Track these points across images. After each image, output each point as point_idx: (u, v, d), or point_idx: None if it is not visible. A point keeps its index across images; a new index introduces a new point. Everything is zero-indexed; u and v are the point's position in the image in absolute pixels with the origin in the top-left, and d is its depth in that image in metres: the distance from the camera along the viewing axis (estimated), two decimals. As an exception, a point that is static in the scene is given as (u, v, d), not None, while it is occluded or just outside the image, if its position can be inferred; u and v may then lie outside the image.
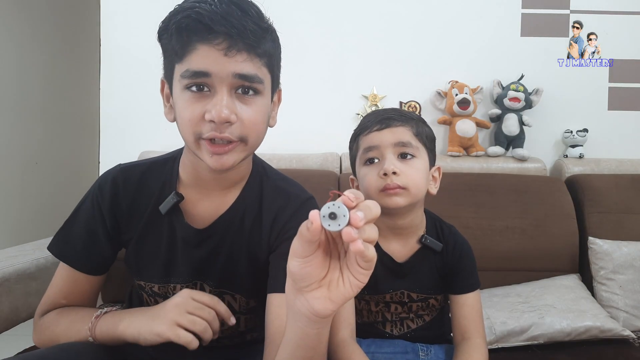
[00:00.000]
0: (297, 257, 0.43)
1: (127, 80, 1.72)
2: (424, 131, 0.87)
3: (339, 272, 0.44)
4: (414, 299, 0.90)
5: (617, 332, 1.15)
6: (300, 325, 0.49)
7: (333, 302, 0.44)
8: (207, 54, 0.60)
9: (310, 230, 0.40)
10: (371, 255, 0.40)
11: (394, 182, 0.80)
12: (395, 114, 0.86)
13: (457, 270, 0.88)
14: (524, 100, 1.66)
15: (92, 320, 0.69)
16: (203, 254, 0.74)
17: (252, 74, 0.63)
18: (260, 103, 0.66)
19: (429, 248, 0.88)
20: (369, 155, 0.85)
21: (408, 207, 0.84)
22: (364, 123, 0.88)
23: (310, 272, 0.43)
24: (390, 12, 1.74)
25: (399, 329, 0.93)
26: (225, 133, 0.62)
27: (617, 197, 1.47)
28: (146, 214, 0.75)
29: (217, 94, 0.62)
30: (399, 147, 0.83)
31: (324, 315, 0.46)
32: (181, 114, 0.64)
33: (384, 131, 0.83)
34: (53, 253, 0.77)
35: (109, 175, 0.76)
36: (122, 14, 1.72)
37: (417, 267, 0.89)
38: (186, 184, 0.75)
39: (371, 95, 1.73)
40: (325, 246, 0.44)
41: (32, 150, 2.65)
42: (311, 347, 0.51)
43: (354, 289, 0.44)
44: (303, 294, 0.45)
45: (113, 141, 1.74)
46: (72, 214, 0.77)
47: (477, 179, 1.51)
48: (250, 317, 0.80)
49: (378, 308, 0.92)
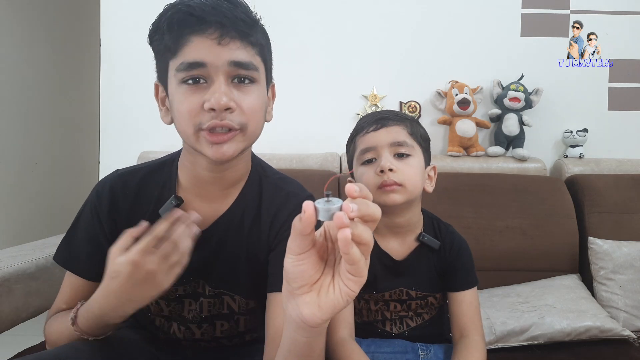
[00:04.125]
0: (291, 254, 0.43)
1: (127, 80, 1.72)
2: (418, 131, 0.89)
3: (331, 278, 0.44)
4: (413, 297, 0.91)
5: (617, 332, 1.15)
6: (290, 330, 0.49)
7: (321, 309, 0.44)
8: (200, 45, 0.61)
9: (302, 220, 0.40)
10: (354, 255, 0.39)
11: (391, 179, 0.82)
12: (390, 114, 0.89)
13: (455, 268, 0.89)
14: (524, 100, 1.66)
15: (72, 316, 0.66)
16: (203, 255, 0.74)
17: (247, 61, 0.64)
18: (257, 91, 0.66)
19: (427, 246, 0.89)
20: (366, 157, 0.87)
21: (405, 205, 0.85)
22: (360, 124, 0.91)
23: (303, 270, 0.43)
24: (391, 12, 1.74)
25: (398, 327, 0.93)
26: (226, 120, 0.62)
27: (617, 197, 1.47)
28: (146, 217, 0.74)
29: (215, 83, 0.62)
30: (394, 146, 0.85)
31: (311, 323, 0.45)
32: (179, 108, 0.64)
33: (380, 131, 0.86)
34: (59, 263, 0.76)
35: (106, 182, 0.75)
36: (122, 15, 1.72)
37: (416, 265, 0.90)
38: (185, 186, 0.74)
39: (371, 95, 1.73)
40: (321, 248, 0.44)
41: (32, 151, 2.65)
42: (303, 355, 0.51)
43: (344, 297, 0.43)
44: (294, 297, 0.45)
45: (113, 141, 1.74)
46: (74, 222, 0.77)
47: (477, 179, 1.51)
48: (250, 317, 0.80)
49: (377, 307, 0.93)
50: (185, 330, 0.78)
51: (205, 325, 0.78)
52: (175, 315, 0.78)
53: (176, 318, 0.78)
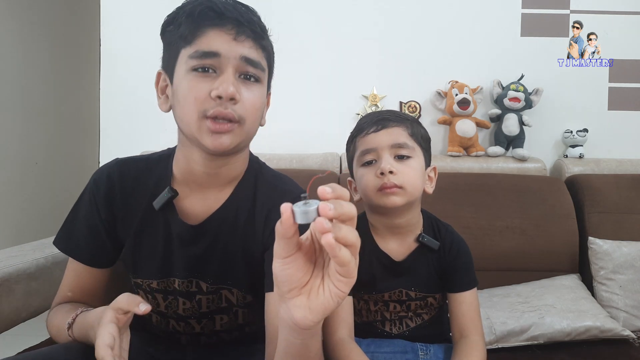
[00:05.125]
0: (278, 258, 0.43)
1: (127, 80, 1.72)
2: (419, 132, 0.88)
3: (320, 280, 0.44)
4: (413, 298, 0.90)
5: (617, 332, 1.15)
6: (285, 333, 0.50)
7: (312, 312, 0.44)
8: (217, 37, 0.65)
9: (282, 223, 0.40)
10: (344, 257, 0.39)
11: (391, 181, 0.81)
12: (391, 115, 0.88)
13: (454, 269, 0.89)
14: (524, 100, 1.66)
15: (69, 321, 0.68)
16: (198, 251, 0.75)
17: (257, 60, 0.67)
18: (259, 91, 0.69)
19: (426, 247, 0.89)
20: (366, 158, 0.86)
21: (405, 207, 0.85)
22: (360, 125, 0.90)
23: (291, 274, 0.43)
24: (391, 12, 1.74)
25: (398, 327, 0.93)
26: (229, 109, 0.65)
27: (617, 197, 1.47)
28: (141, 209, 0.75)
29: (224, 74, 0.65)
30: (395, 148, 0.84)
31: (303, 326, 0.45)
32: (185, 94, 0.66)
33: (381, 132, 0.85)
34: (58, 247, 0.78)
35: (105, 170, 0.77)
36: (122, 15, 1.72)
37: (415, 265, 0.90)
38: (180, 181, 0.75)
39: (371, 95, 1.73)
40: (308, 251, 0.44)
41: (32, 151, 2.65)
42: (299, 355, 0.51)
43: (334, 299, 0.43)
44: (285, 301, 0.45)
45: (113, 141, 1.74)
46: (73, 208, 0.79)
47: (477, 179, 1.51)
48: (248, 311, 0.80)
49: (377, 307, 0.93)
50: (185, 325, 0.79)
51: (204, 320, 0.79)
52: (171, 312, 0.78)
53: (172, 315, 0.79)
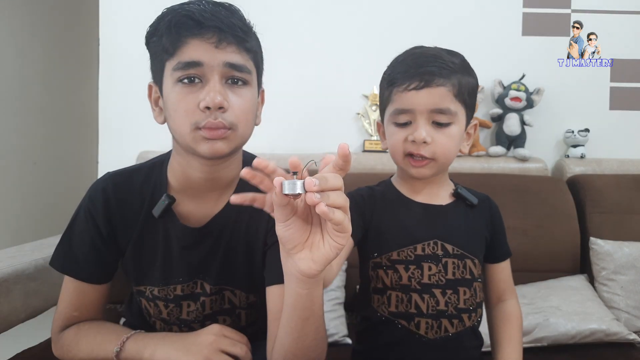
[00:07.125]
0: (278, 222, 0.49)
1: (126, 80, 1.71)
2: (466, 87, 0.77)
3: (320, 235, 0.50)
4: (450, 254, 0.79)
5: (623, 335, 1.14)
6: (292, 286, 0.55)
7: (315, 262, 0.50)
8: (198, 47, 0.64)
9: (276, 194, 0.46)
10: (338, 218, 0.45)
11: (422, 152, 0.74)
12: (438, 66, 0.76)
13: (494, 230, 0.84)
14: (525, 100, 1.66)
15: (119, 344, 0.70)
16: (201, 253, 0.75)
17: (242, 64, 0.67)
18: (248, 94, 0.69)
19: (463, 200, 0.82)
20: (400, 119, 0.77)
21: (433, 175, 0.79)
22: (400, 72, 0.78)
23: (292, 234, 0.50)
24: (391, 11, 1.73)
25: (435, 331, 0.77)
26: (219, 119, 0.64)
27: (618, 197, 1.46)
28: (140, 218, 0.75)
29: (209, 83, 0.64)
30: (434, 113, 0.74)
31: (309, 275, 0.51)
32: (175, 108, 0.65)
33: (422, 92, 0.74)
34: (56, 268, 0.77)
35: (98, 185, 0.77)
36: (121, 14, 1.71)
37: (451, 216, 0.82)
38: (176, 188, 0.75)
39: (371, 95, 1.72)
40: (303, 213, 0.50)
41: (30, 150, 2.65)
42: (306, 307, 0.57)
43: (333, 250, 0.49)
44: (291, 256, 0.51)
45: (112, 141, 1.74)
46: (68, 226, 0.78)
47: (478, 179, 1.50)
48: (251, 311, 0.81)
49: (409, 273, 0.78)
50: (189, 330, 0.79)
51: (208, 323, 0.78)
52: (173, 319, 0.78)
53: (174, 321, 0.78)
